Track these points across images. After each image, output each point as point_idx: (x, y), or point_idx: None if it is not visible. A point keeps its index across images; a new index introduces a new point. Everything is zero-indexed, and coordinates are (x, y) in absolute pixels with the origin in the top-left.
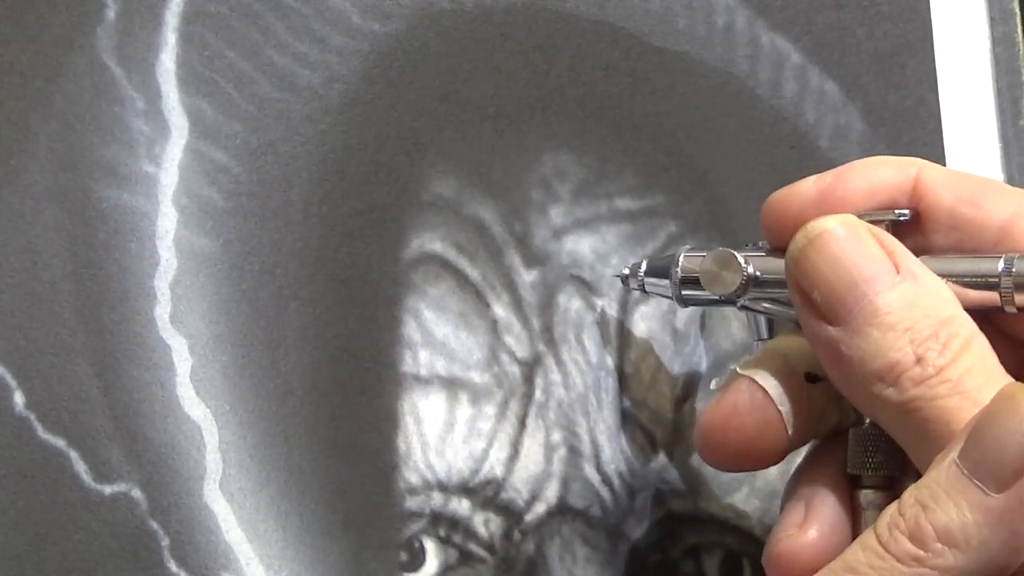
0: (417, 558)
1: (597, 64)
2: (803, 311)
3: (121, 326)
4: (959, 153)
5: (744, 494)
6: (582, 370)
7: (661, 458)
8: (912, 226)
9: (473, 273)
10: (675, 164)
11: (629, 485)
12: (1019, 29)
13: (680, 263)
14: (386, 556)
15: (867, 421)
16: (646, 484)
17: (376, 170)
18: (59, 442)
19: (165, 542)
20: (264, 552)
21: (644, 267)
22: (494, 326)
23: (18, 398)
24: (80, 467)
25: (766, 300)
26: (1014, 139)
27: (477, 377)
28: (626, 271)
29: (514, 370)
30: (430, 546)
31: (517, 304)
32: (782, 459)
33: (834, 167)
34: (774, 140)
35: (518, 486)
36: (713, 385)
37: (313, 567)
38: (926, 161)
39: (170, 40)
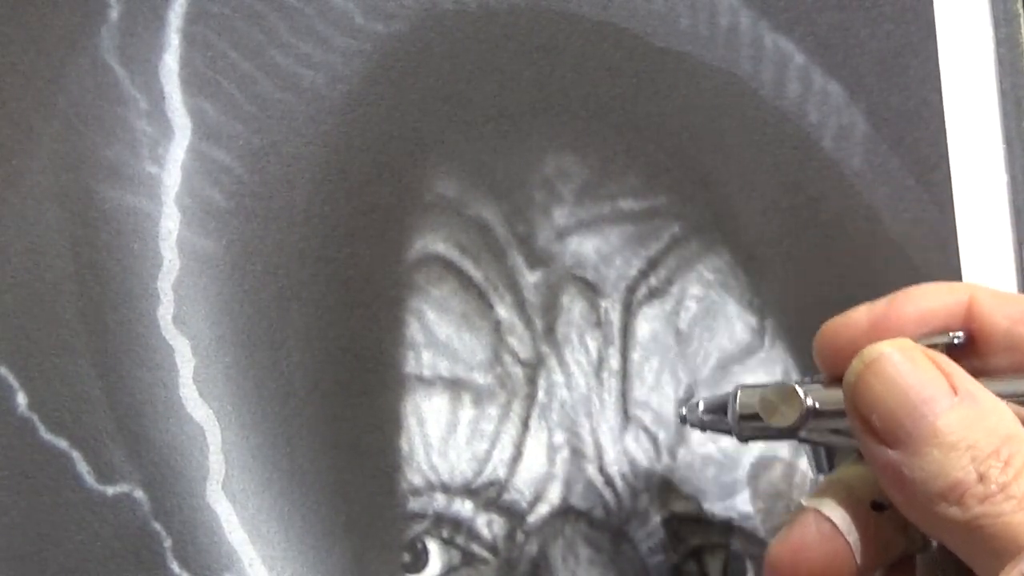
0: (420, 559)
1: (600, 65)
2: (863, 436)
3: (124, 327)
4: (962, 154)
5: (747, 496)
6: (585, 371)
7: (664, 459)
8: (968, 349)
9: (476, 274)
10: (678, 165)
11: (632, 486)
12: (1023, 30)
13: (738, 399)
14: (389, 557)
15: (934, 546)
16: (649, 485)
17: (379, 171)
18: (62, 443)
19: (168, 543)
20: (267, 553)
21: (702, 406)
22: (497, 327)
23: (21, 399)
24: (83, 468)
25: (827, 431)
26: (1017, 140)
27: (480, 378)
28: (684, 411)
29: (517, 371)
30: (433, 547)
31: (520, 305)
32: None
33: (838, 168)
34: (777, 141)
35: (521, 487)
36: (766, 526)
37: (316, 568)
38: (977, 284)
39: (173, 41)
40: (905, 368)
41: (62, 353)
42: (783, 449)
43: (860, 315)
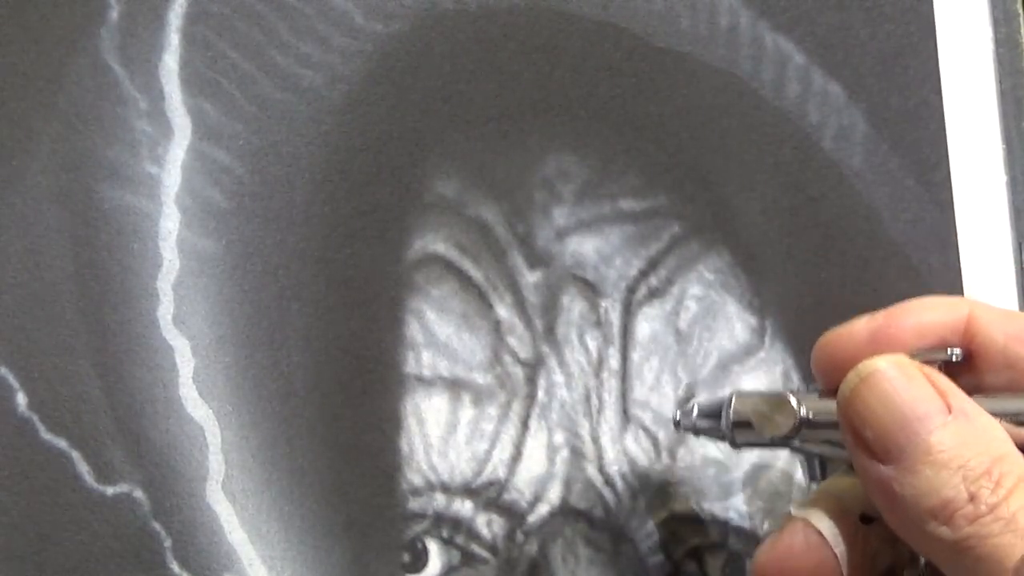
0: (420, 559)
1: (600, 65)
2: (856, 450)
3: (124, 327)
4: (962, 154)
5: (747, 495)
6: (585, 371)
7: (664, 459)
8: (965, 366)
9: (476, 274)
10: (678, 165)
11: (632, 486)
12: (1022, 30)
13: (732, 406)
14: (389, 557)
15: (923, 562)
16: (649, 485)
17: (379, 171)
18: (61, 443)
19: (167, 543)
20: (266, 553)
21: (696, 411)
22: (497, 327)
23: (20, 399)
24: (82, 468)
25: (819, 442)
26: (1017, 140)
27: (480, 378)
28: (678, 415)
29: (517, 371)
30: (433, 547)
31: (520, 305)
32: None
33: (838, 168)
34: (777, 141)
35: (521, 487)
36: (766, 527)
37: (315, 568)
38: (977, 300)
39: (173, 41)
40: (900, 384)
41: (62, 353)
42: (782, 452)
43: (859, 327)
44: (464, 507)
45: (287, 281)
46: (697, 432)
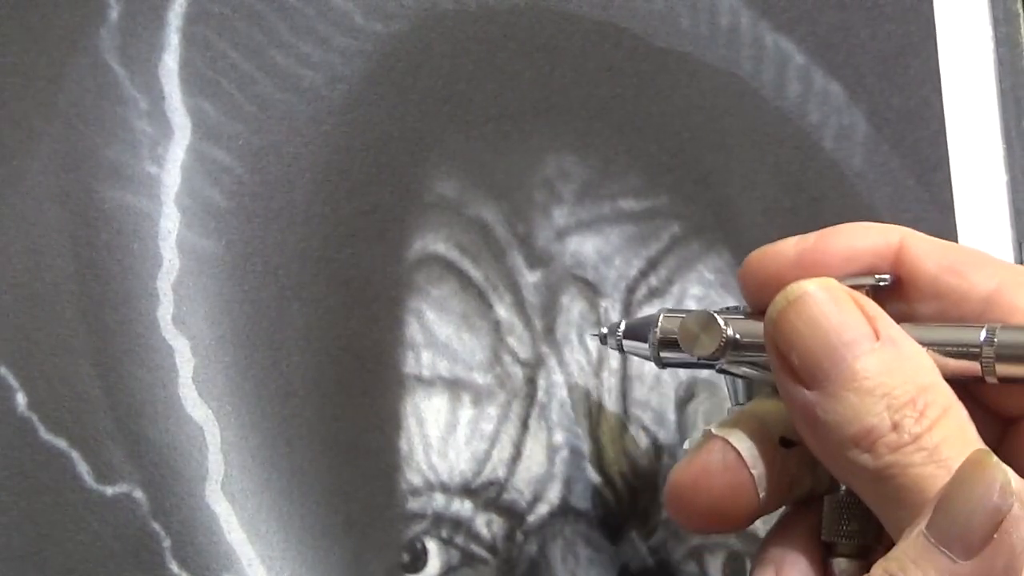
0: (419, 559)
1: (600, 65)
2: (780, 373)
3: (123, 327)
4: (963, 154)
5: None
6: (584, 371)
7: (664, 459)
8: (895, 293)
9: (476, 274)
10: (679, 165)
11: (632, 486)
12: (1022, 30)
13: (659, 324)
14: (388, 557)
15: (842, 488)
16: (648, 485)
17: (379, 171)
18: (61, 443)
19: (167, 543)
20: (266, 553)
21: (623, 327)
22: (497, 327)
23: (20, 399)
24: (82, 468)
25: (745, 363)
26: (1017, 140)
27: (480, 378)
28: (604, 330)
29: (516, 371)
30: (432, 547)
31: (520, 305)
32: (752, 522)
33: (839, 168)
34: (778, 141)
35: (520, 487)
36: (686, 445)
37: (315, 568)
38: (910, 229)
39: (173, 41)
40: (828, 308)
41: (62, 353)
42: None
43: (788, 246)
44: (464, 507)
45: (287, 281)
46: (623, 350)
